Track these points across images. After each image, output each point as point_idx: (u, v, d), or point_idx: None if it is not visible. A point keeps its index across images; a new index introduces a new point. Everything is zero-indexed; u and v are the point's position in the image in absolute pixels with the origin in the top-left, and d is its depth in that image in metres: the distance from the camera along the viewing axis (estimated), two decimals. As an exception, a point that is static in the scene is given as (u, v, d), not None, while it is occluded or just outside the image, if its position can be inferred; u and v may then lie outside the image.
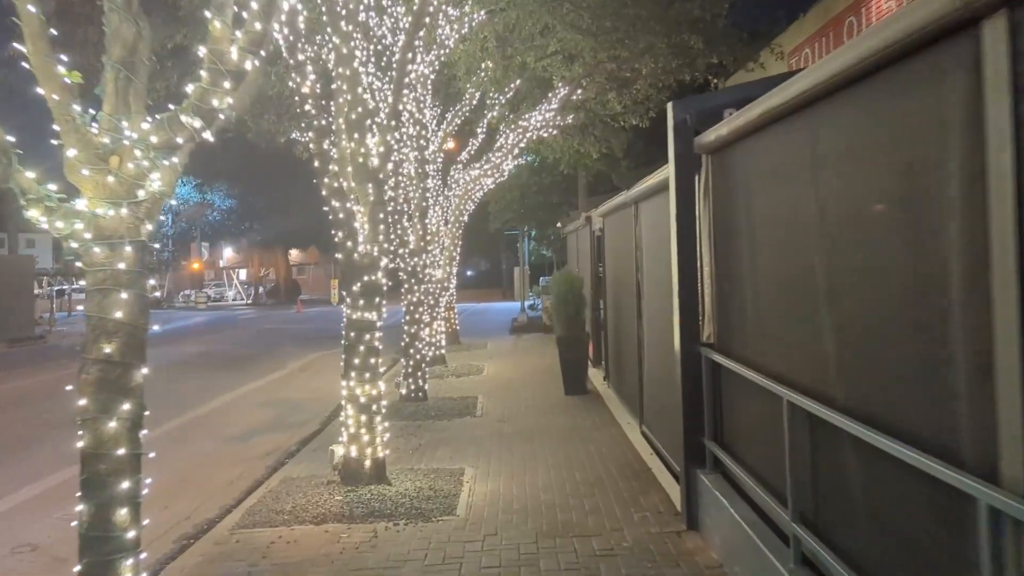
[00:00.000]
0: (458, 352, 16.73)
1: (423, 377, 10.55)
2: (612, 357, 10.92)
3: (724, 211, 5.06)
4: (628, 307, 9.20)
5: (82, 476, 3.42)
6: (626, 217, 9.16)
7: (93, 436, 3.38)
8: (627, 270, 9.21)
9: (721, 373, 5.13)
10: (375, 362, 6.47)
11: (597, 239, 12.69)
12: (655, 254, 7.33)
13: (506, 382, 12.46)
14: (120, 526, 3.39)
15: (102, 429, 3.37)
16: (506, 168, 17.98)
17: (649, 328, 7.81)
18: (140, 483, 3.52)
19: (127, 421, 3.43)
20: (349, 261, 6.34)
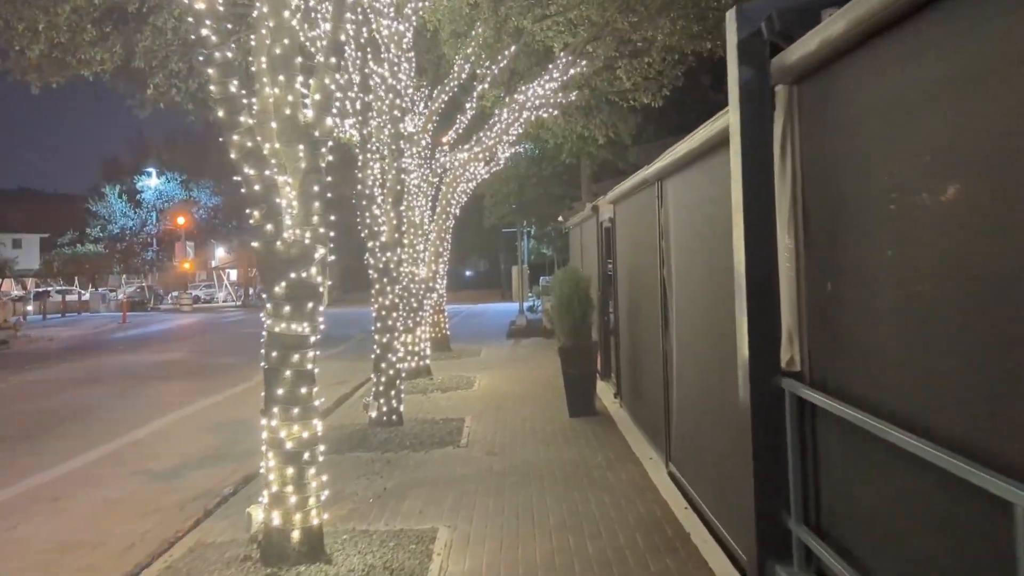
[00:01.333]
0: (447, 361, 14.91)
1: (398, 396, 8.73)
2: (626, 371, 9.10)
3: (825, 170, 3.25)
4: (648, 312, 7.38)
5: None
6: (646, 200, 7.35)
7: None
8: (647, 266, 7.40)
9: (818, 419, 3.33)
10: (307, 392, 4.65)
11: (605, 231, 10.88)
12: (692, 244, 5.52)
13: (500, 398, 10.64)
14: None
15: None
16: (501, 155, 16.28)
17: (681, 341, 5.99)
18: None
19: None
20: (269, 251, 4.53)
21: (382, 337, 8.68)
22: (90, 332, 28.11)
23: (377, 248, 8.59)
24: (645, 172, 6.87)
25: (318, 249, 4.64)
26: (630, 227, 8.51)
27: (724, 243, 4.57)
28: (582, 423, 8.73)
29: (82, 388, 13.75)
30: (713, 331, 4.88)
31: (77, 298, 40.51)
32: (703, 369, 5.24)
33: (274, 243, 4.51)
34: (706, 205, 5.01)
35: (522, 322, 22.16)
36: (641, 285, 7.83)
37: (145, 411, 11.11)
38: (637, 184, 7.38)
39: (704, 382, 5.24)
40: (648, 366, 7.57)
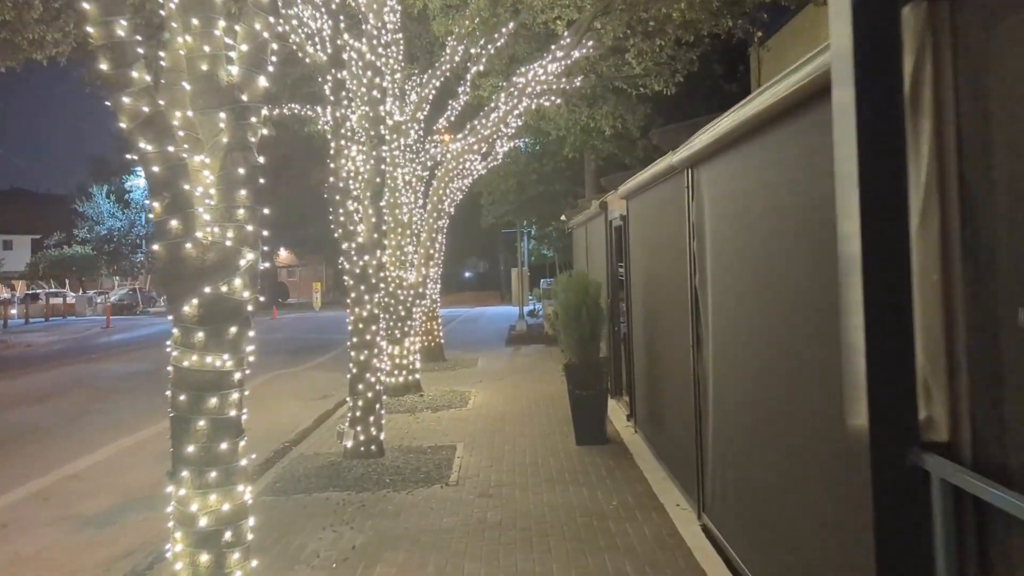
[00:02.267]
0: (440, 373, 13.67)
1: (377, 423, 7.50)
2: (642, 390, 7.87)
3: (996, 129, 2.02)
4: (672, 327, 6.16)
5: None
6: (669, 193, 6.13)
7: None
8: (670, 272, 6.18)
9: (988, 515, 2.11)
10: (230, 448, 3.44)
11: (616, 230, 9.65)
12: (741, 247, 4.30)
13: (497, 420, 9.41)
14: None
15: None
16: (499, 149, 15.09)
17: (722, 367, 4.77)
18: None
19: None
20: (174, 256, 3.30)
21: (359, 354, 7.45)
22: (70, 337, 26.88)
23: (353, 250, 7.37)
24: (670, 158, 5.65)
25: (245, 254, 3.41)
26: (648, 225, 7.28)
27: (801, 245, 3.34)
28: (592, 453, 7.50)
29: (36, 404, 12.51)
30: (780, 363, 3.66)
31: (62, 301, 39.23)
32: (761, 407, 4.02)
33: (182, 245, 3.29)
34: (767, 195, 3.79)
35: (522, 327, 20.94)
36: (663, 294, 6.61)
37: (96, 433, 9.88)
38: (659, 174, 6.16)
39: (762, 422, 4.02)
40: (672, 390, 6.35)
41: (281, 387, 13.52)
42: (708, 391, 5.10)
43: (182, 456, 3.33)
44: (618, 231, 9.51)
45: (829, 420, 3.04)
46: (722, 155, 4.59)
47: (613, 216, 9.66)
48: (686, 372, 5.62)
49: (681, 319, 5.78)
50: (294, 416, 10.74)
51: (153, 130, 3.21)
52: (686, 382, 5.63)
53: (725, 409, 4.74)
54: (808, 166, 3.19)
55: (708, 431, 5.12)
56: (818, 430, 3.19)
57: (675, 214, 5.89)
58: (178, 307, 3.29)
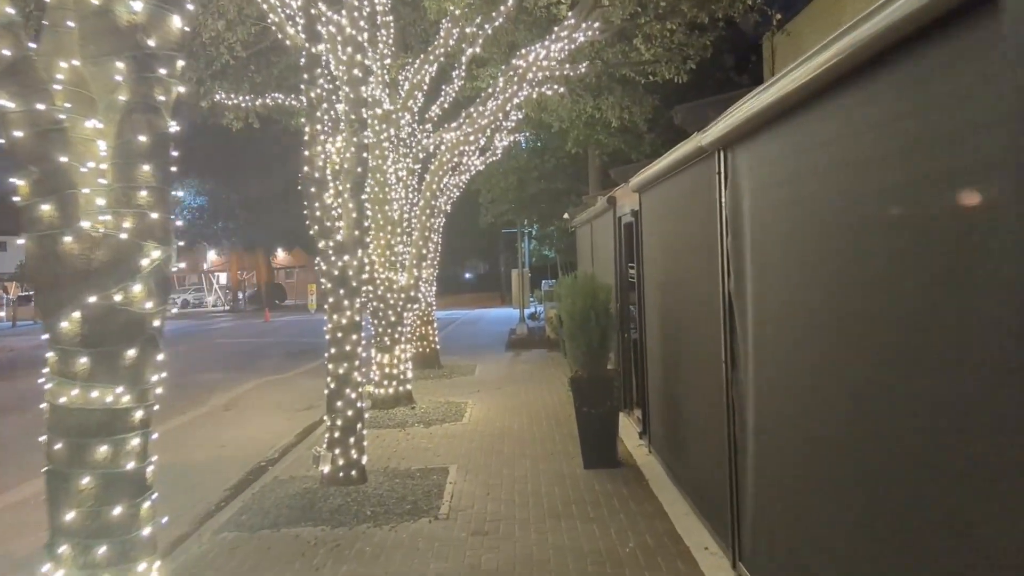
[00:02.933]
0: (435, 381, 12.78)
1: (359, 445, 6.62)
2: (658, 406, 6.99)
3: None
4: (699, 337, 5.28)
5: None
6: (695, 182, 5.25)
7: None
8: (695, 274, 5.31)
9: None
10: (126, 513, 2.54)
11: (626, 227, 8.77)
12: (798, 242, 3.41)
13: (495, 436, 8.52)
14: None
15: None
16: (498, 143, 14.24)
17: (768, 390, 3.88)
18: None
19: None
20: (48, 250, 2.41)
21: (338, 367, 6.57)
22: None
23: (331, 249, 6.49)
24: (697, 139, 4.76)
25: (148, 251, 2.54)
26: (666, 221, 6.40)
27: (896, 243, 2.46)
28: (602, 479, 6.61)
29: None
30: (861, 394, 2.77)
31: (52, 304, 38.19)
32: (829, 447, 3.13)
33: (58, 239, 2.41)
34: (842, 177, 2.91)
35: (522, 331, 20.04)
36: (685, 299, 5.73)
37: (36, 460, 8.98)
38: (682, 159, 5.27)
39: (830, 465, 3.13)
40: (697, 411, 5.47)
41: (266, 395, 12.65)
42: (747, 418, 4.22)
43: (61, 525, 2.45)
44: (628, 228, 8.63)
45: (937, 474, 2.16)
46: (771, 130, 3.71)
47: (623, 212, 8.78)
48: (717, 393, 4.74)
49: (710, 330, 4.90)
50: (276, 430, 9.88)
51: (17, 81, 2.34)
52: (717, 405, 4.75)
53: (773, 443, 3.86)
54: (917, 133, 2.30)
55: (747, 466, 4.23)
56: (920, 488, 2.31)
57: (703, 206, 5.01)
58: (53, 322, 2.41)
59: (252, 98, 12.13)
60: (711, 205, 4.76)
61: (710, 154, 4.72)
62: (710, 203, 4.79)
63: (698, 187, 5.14)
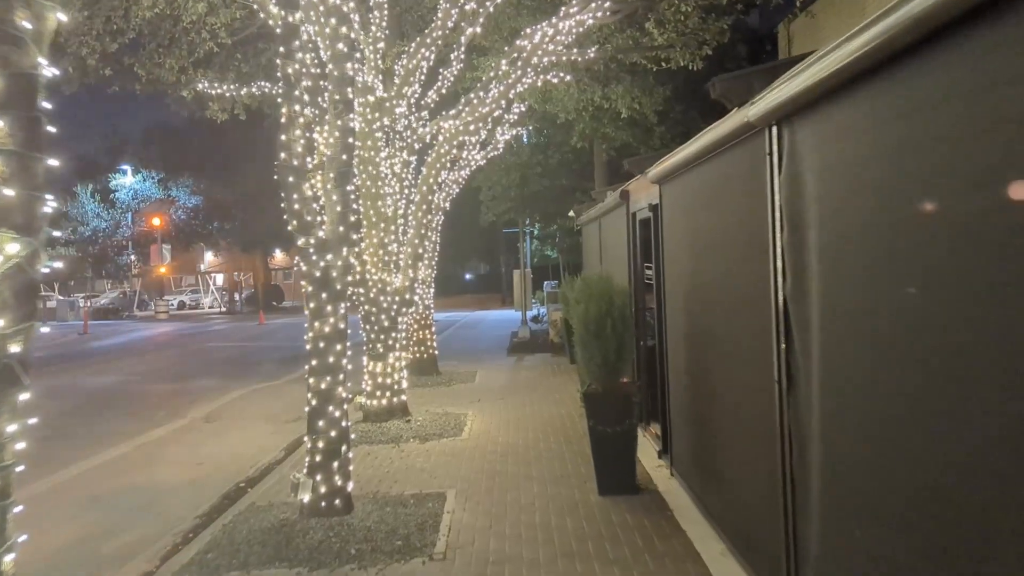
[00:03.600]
0: (432, 390, 11.98)
1: (343, 470, 5.82)
2: (684, 426, 6.19)
3: None
4: (740, 349, 4.49)
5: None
6: (735, 167, 4.47)
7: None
8: (736, 275, 4.52)
9: None
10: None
11: (642, 224, 7.99)
12: (891, 237, 2.61)
13: (498, 454, 7.73)
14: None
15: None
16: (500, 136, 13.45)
17: (844, 419, 3.08)
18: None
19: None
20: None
21: (319, 381, 5.77)
22: (41, 345, 25.20)
23: (312, 248, 5.70)
24: (743, 113, 3.97)
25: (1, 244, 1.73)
26: (693, 214, 5.61)
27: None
28: (620, 508, 5.81)
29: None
30: (985, 429, 1.98)
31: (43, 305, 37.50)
32: (944, 496, 2.33)
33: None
34: (970, 150, 2.11)
35: (525, 334, 19.26)
36: (720, 303, 4.94)
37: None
38: (720, 139, 4.47)
39: (943, 521, 2.34)
40: (736, 435, 4.68)
41: (253, 405, 11.85)
42: (810, 452, 3.42)
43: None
44: (645, 225, 7.84)
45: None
46: (855, 93, 2.91)
47: (638, 207, 8.00)
48: (765, 417, 3.95)
49: (755, 341, 4.11)
50: (260, 444, 9.09)
51: None
52: (765, 431, 3.96)
53: (850, 486, 3.06)
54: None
55: (811, 509, 3.44)
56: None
57: (746, 195, 4.22)
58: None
59: (237, 87, 11.34)
60: (758, 193, 3.97)
61: (759, 131, 3.93)
62: (756, 191, 4.00)
63: (740, 172, 4.36)
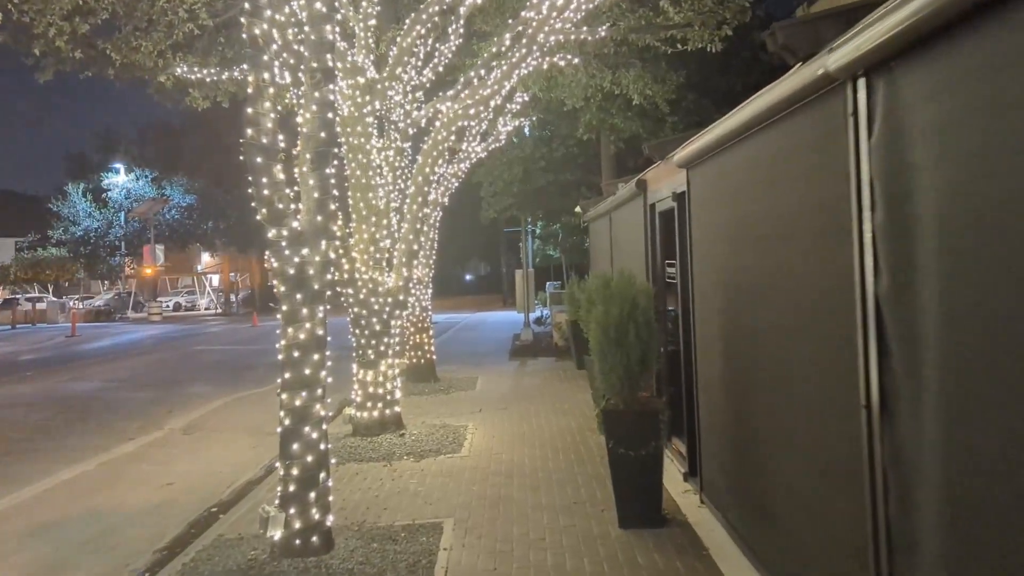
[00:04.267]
0: (430, 397, 11.13)
1: (321, 500, 4.96)
2: (720, 448, 5.33)
3: None
4: (801, 359, 3.65)
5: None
6: (800, 136, 3.61)
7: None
8: (796, 271, 3.67)
9: None
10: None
11: (663, 216, 7.15)
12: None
13: (502, 476, 6.88)
14: None
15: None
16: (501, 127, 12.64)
17: (973, 461, 2.22)
18: None
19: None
20: None
21: (293, 397, 4.91)
22: (25, 348, 24.36)
23: (284, 241, 4.85)
24: (817, 63, 3.11)
25: None
26: (733, 200, 4.76)
27: None
28: (646, 546, 4.95)
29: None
30: None
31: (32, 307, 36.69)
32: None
33: None
34: None
35: (528, 337, 18.40)
36: (770, 304, 4.08)
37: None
38: (780, 103, 3.61)
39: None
40: (793, 463, 3.82)
41: (236, 415, 10.99)
42: (921, 499, 2.57)
43: None
44: (666, 217, 7.00)
45: None
46: (997, 20, 2.06)
47: (658, 197, 7.14)
48: (844, 449, 3.11)
49: (827, 353, 3.27)
50: (239, 460, 8.25)
51: None
52: (845, 467, 3.12)
53: (994, 549, 2.21)
54: None
55: (921, 573, 2.59)
56: None
57: (816, 169, 3.37)
58: None
59: (219, 71, 10.50)
60: (834, 165, 3.12)
61: (837, 86, 3.07)
62: (831, 163, 3.16)
63: (805, 142, 3.50)
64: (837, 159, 3.10)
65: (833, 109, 3.14)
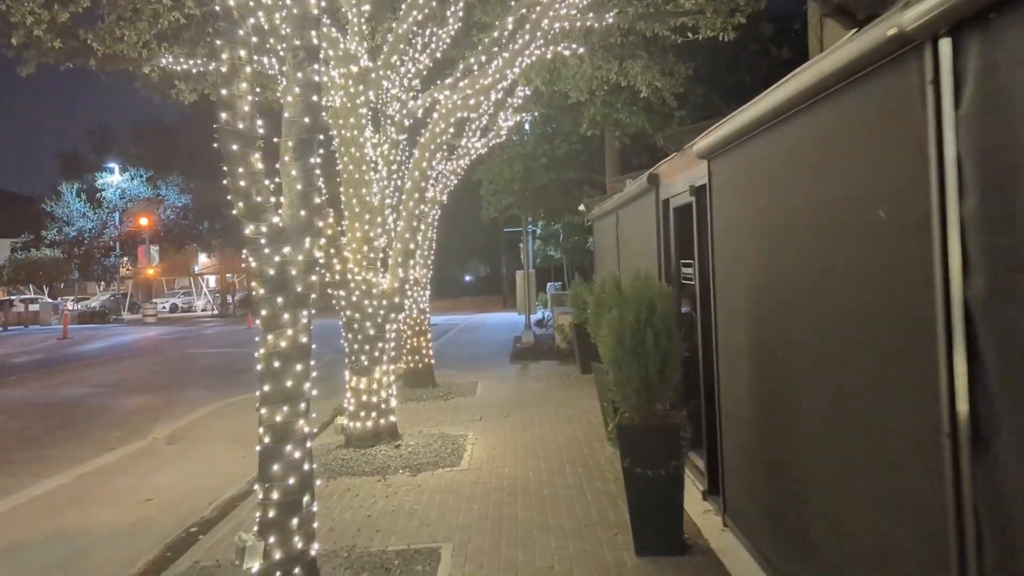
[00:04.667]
0: (429, 404, 10.61)
1: (305, 527, 4.45)
2: (748, 469, 4.82)
3: None
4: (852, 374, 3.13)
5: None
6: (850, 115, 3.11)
7: None
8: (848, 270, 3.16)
9: None
10: None
11: (678, 212, 6.65)
12: None
13: (505, 493, 6.36)
14: None
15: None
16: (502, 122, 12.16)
17: None
18: None
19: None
20: None
21: (273, 413, 4.40)
22: (14, 351, 23.83)
23: (263, 238, 4.34)
24: (889, 22, 2.60)
25: None
26: (769, 190, 4.25)
27: None
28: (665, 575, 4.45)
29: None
30: None
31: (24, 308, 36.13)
32: None
33: None
34: None
35: (529, 339, 17.89)
36: (819, 311, 3.56)
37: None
38: (837, 72, 3.09)
39: None
40: (844, 492, 3.31)
41: (224, 423, 10.46)
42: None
43: None
44: (682, 213, 6.49)
45: None
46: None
47: (673, 192, 6.64)
48: (921, 486, 2.61)
49: (893, 368, 2.77)
50: (226, 471, 7.73)
51: None
52: (918, 504, 2.62)
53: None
54: None
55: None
56: None
57: (881, 149, 2.87)
58: None
59: (205, 62, 9.99)
60: (908, 143, 2.62)
61: (913, 49, 2.57)
62: (903, 140, 2.65)
63: (867, 118, 3.00)
64: (910, 136, 2.60)
65: (907, 76, 2.63)
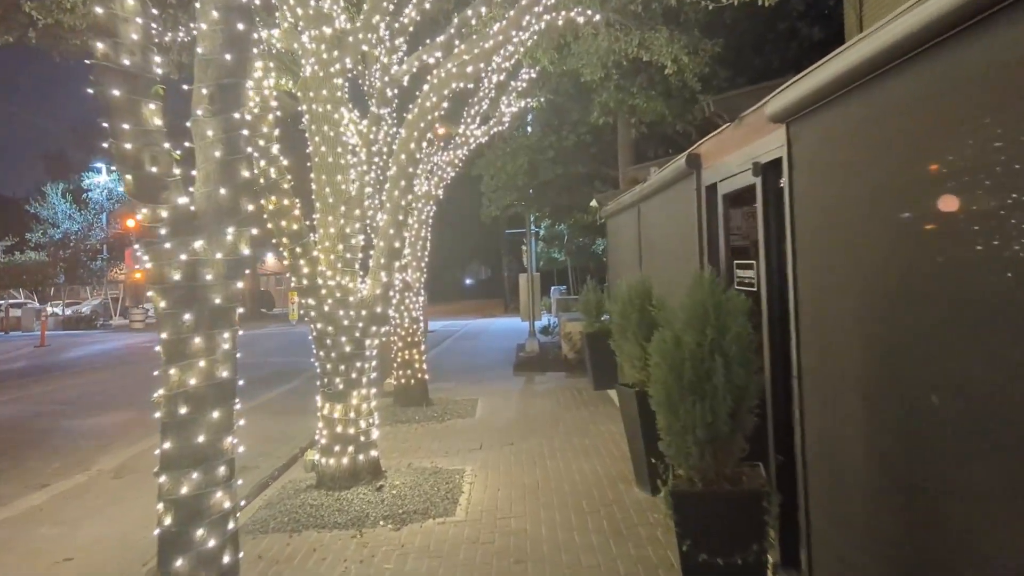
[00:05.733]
0: (421, 427, 9.20)
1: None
2: (862, 547, 3.43)
3: None
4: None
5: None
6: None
7: None
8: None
9: None
10: None
11: (729, 201, 5.26)
12: None
13: (511, 560, 4.97)
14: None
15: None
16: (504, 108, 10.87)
17: None
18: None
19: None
20: None
21: (179, 481, 3.02)
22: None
23: (163, 228, 2.96)
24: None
25: None
26: (900, 160, 2.87)
27: None
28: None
29: None
30: None
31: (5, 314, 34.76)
32: None
33: None
34: None
35: (534, 348, 16.49)
36: (1003, 334, 2.18)
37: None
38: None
39: None
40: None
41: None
42: None
43: None
44: (736, 200, 5.12)
45: None
46: None
47: (724, 174, 5.25)
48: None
49: None
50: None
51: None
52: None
53: None
54: None
55: None
56: None
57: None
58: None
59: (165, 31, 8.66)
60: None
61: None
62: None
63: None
64: None
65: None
